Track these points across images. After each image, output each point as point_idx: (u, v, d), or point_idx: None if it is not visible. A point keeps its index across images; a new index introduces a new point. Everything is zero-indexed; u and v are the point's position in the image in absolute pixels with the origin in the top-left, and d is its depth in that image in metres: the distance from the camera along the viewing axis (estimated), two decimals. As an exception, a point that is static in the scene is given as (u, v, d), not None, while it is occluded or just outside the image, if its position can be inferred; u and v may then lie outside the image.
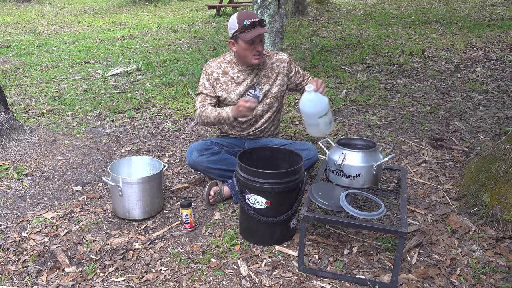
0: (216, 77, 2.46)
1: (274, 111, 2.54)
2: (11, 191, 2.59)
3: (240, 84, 2.45)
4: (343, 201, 1.80)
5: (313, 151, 2.45)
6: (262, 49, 2.33)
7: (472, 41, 6.15)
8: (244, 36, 2.25)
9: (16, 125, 3.01)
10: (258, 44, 2.30)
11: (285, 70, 2.48)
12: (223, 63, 2.48)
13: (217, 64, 2.48)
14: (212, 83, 2.47)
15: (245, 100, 2.19)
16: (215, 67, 2.47)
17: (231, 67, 2.46)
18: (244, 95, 2.45)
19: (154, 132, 3.51)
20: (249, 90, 2.45)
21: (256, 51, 2.31)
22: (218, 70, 2.46)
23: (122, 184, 2.23)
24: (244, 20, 2.25)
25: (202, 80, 2.49)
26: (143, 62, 5.55)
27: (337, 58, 5.52)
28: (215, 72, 2.46)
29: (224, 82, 2.45)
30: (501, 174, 2.27)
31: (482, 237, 2.10)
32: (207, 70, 2.48)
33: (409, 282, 1.83)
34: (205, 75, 2.48)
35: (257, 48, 2.31)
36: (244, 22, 2.25)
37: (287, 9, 8.65)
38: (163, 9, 11.75)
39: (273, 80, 2.47)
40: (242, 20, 2.26)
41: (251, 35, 2.23)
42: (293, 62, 2.53)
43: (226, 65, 2.47)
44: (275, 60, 2.48)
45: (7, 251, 2.07)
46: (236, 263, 1.97)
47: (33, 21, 9.77)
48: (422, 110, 3.77)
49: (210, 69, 2.47)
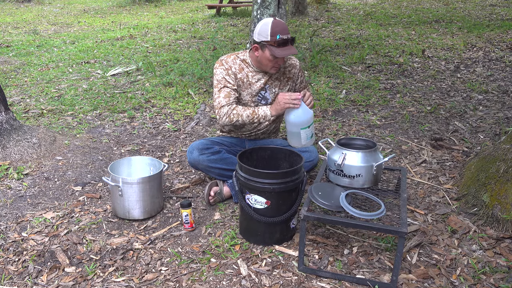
0: (235, 71, 2.37)
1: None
2: (11, 191, 2.59)
3: (253, 84, 2.41)
4: (343, 201, 1.80)
5: (314, 153, 2.45)
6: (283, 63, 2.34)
7: (472, 41, 6.15)
8: (274, 51, 2.19)
9: (16, 125, 3.01)
10: (283, 60, 2.31)
11: (295, 76, 2.50)
12: (237, 59, 2.40)
13: (232, 60, 2.39)
14: (233, 77, 2.36)
15: (285, 94, 2.17)
16: (231, 63, 2.37)
17: (245, 66, 2.40)
18: (256, 96, 2.43)
19: (154, 132, 3.51)
20: (260, 92, 2.44)
21: (278, 64, 2.31)
22: (235, 65, 2.38)
23: (122, 184, 2.23)
24: (278, 34, 2.18)
25: (221, 75, 2.33)
26: (143, 62, 5.55)
27: (337, 58, 5.52)
28: (233, 67, 2.37)
29: (240, 79, 2.39)
30: (501, 174, 2.27)
31: (482, 237, 2.10)
32: (225, 65, 2.36)
33: (409, 282, 1.83)
34: (223, 70, 2.34)
35: (279, 62, 2.30)
36: (278, 36, 2.18)
37: (287, 9, 8.65)
38: (163, 9, 11.75)
39: (284, 84, 2.48)
40: (276, 33, 2.18)
41: (282, 53, 2.19)
42: (302, 70, 2.55)
43: (241, 62, 2.40)
44: (288, 65, 2.48)
45: (7, 251, 2.07)
46: (236, 263, 1.97)
47: (33, 21, 9.77)
48: (422, 110, 3.77)
49: (227, 64, 2.36)
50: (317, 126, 3.52)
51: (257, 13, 4.74)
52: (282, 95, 2.19)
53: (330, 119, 3.65)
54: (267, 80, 2.42)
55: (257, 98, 2.44)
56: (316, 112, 3.79)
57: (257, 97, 2.44)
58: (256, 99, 2.44)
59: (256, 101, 2.44)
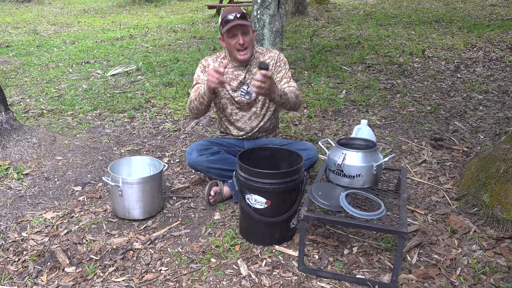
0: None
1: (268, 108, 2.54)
2: (11, 191, 2.59)
3: (233, 80, 2.48)
4: (343, 201, 1.79)
5: (313, 151, 2.45)
6: (245, 41, 2.34)
7: (472, 41, 6.15)
8: (223, 30, 2.31)
9: (16, 125, 3.01)
10: (239, 37, 2.33)
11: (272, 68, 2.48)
12: (218, 58, 2.53)
13: (213, 59, 2.53)
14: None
15: (215, 69, 2.16)
16: (211, 61, 2.52)
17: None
18: (238, 90, 2.48)
19: (154, 132, 3.51)
20: (242, 87, 2.48)
21: (238, 44, 2.34)
22: (215, 63, 2.51)
23: (122, 184, 2.23)
24: (226, 16, 2.31)
25: (197, 74, 2.51)
26: (143, 62, 5.55)
27: (337, 58, 5.52)
28: (211, 65, 2.50)
29: None
30: (501, 174, 2.27)
31: (482, 237, 2.10)
32: (203, 63, 2.52)
33: (409, 282, 1.83)
34: (200, 68, 2.51)
35: (238, 41, 2.33)
36: (225, 17, 2.30)
37: (287, 9, 8.65)
38: (163, 9, 11.75)
39: None
40: (225, 16, 2.32)
41: (227, 26, 2.28)
42: (285, 63, 2.48)
43: (222, 60, 2.51)
44: (268, 58, 2.49)
45: (7, 251, 2.07)
46: (236, 263, 1.97)
47: (33, 21, 9.77)
48: (422, 110, 3.77)
49: (206, 62, 2.51)
50: (317, 126, 3.52)
51: (257, 13, 4.74)
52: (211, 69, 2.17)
53: (330, 119, 3.65)
54: (246, 74, 2.47)
55: (240, 93, 2.49)
56: (316, 112, 3.79)
57: (240, 92, 2.49)
58: (239, 94, 2.49)
59: (239, 96, 2.49)
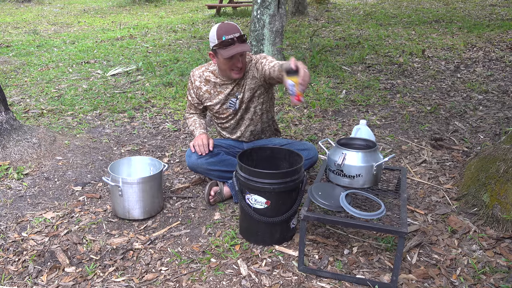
0: (198, 85, 2.49)
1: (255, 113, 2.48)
2: (11, 191, 2.59)
3: (221, 93, 2.44)
4: (343, 201, 1.80)
5: (313, 151, 2.45)
6: (242, 64, 2.25)
7: (472, 41, 6.15)
8: (223, 53, 2.17)
9: (16, 125, 3.01)
10: (238, 61, 2.23)
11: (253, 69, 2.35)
12: (206, 72, 2.46)
13: (200, 73, 2.48)
14: (195, 91, 2.51)
15: (199, 144, 2.37)
16: (197, 76, 2.49)
17: (214, 76, 2.44)
18: (226, 103, 2.45)
19: (154, 132, 3.51)
20: (230, 99, 2.44)
21: (235, 67, 2.25)
22: (200, 78, 2.47)
23: (122, 184, 2.23)
24: (224, 35, 2.16)
25: (188, 90, 2.56)
26: (143, 62, 5.55)
27: (337, 58, 5.52)
28: (197, 81, 2.49)
29: (207, 91, 2.47)
30: (501, 174, 2.27)
31: (482, 237, 2.10)
32: (191, 78, 2.52)
33: (409, 282, 1.83)
34: (190, 83, 2.54)
35: (236, 64, 2.24)
36: (223, 37, 2.16)
37: (287, 9, 8.65)
38: (163, 9, 11.75)
39: (250, 84, 2.38)
40: (221, 35, 2.16)
41: (229, 53, 2.16)
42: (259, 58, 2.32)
43: (209, 74, 2.45)
44: (249, 67, 2.37)
45: (7, 251, 2.07)
46: (236, 263, 1.97)
47: (33, 21, 9.77)
48: (422, 110, 3.77)
49: (193, 77, 2.50)
50: (317, 126, 3.52)
51: (257, 13, 4.74)
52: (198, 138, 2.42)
53: (330, 119, 3.65)
54: (234, 87, 2.40)
55: (229, 105, 2.45)
56: (316, 112, 3.79)
57: (228, 104, 2.45)
58: (228, 105, 2.45)
59: (228, 107, 2.46)
